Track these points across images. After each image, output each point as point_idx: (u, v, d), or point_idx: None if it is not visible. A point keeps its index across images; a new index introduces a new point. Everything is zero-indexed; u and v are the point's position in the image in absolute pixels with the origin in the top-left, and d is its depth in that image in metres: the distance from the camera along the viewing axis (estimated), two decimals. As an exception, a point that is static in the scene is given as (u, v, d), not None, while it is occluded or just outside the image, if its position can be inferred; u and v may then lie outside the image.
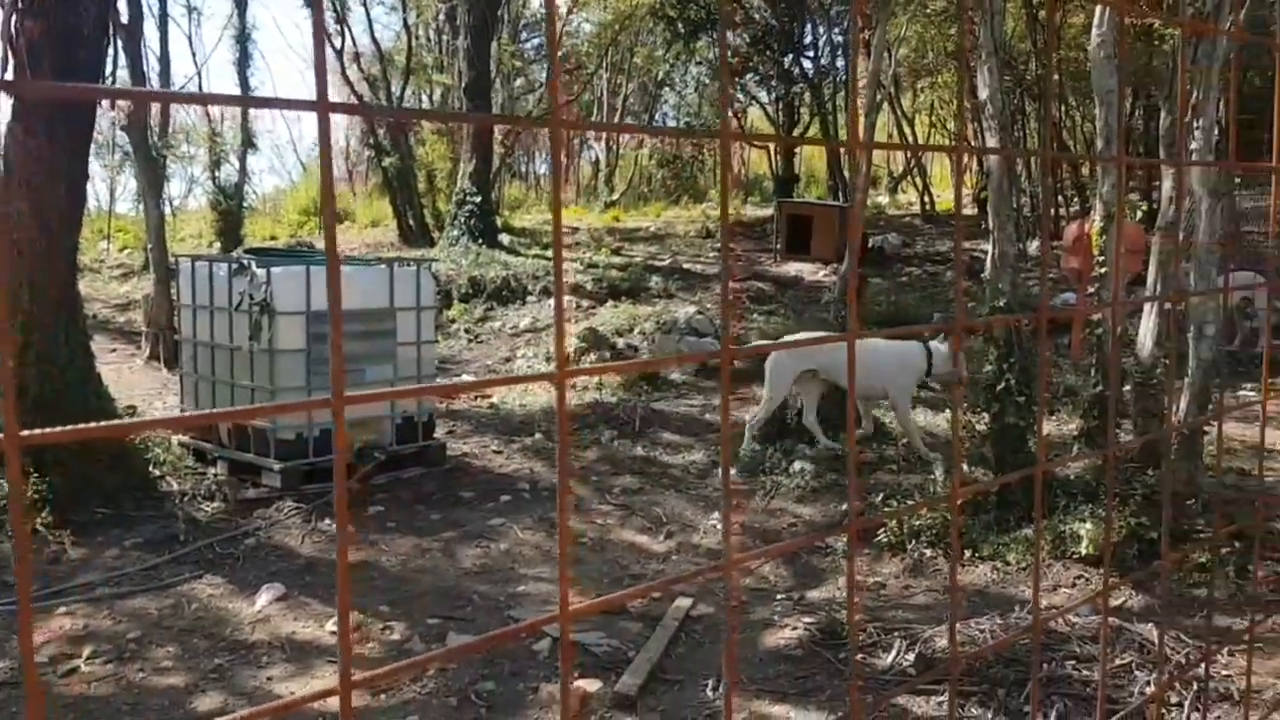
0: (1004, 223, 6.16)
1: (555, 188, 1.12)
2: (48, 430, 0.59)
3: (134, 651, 4.64)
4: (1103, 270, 6.09)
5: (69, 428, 0.59)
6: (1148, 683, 4.00)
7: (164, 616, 4.99)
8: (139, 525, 6.11)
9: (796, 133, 21.19)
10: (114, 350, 12.04)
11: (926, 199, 20.42)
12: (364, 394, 0.74)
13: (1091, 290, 6.30)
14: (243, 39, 16.78)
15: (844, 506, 6.50)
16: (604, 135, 27.92)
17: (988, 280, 6.06)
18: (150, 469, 6.82)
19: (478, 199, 16.90)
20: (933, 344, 7.47)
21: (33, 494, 5.99)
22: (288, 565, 5.70)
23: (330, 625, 4.86)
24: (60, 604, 5.07)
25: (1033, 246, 16.32)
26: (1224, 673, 4.16)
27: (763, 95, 21.65)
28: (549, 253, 16.78)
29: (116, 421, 6.48)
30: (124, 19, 11.27)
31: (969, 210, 22.26)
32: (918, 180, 21.02)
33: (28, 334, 6.48)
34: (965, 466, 6.38)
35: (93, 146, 7.79)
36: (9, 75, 6.52)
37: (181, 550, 5.81)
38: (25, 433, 0.59)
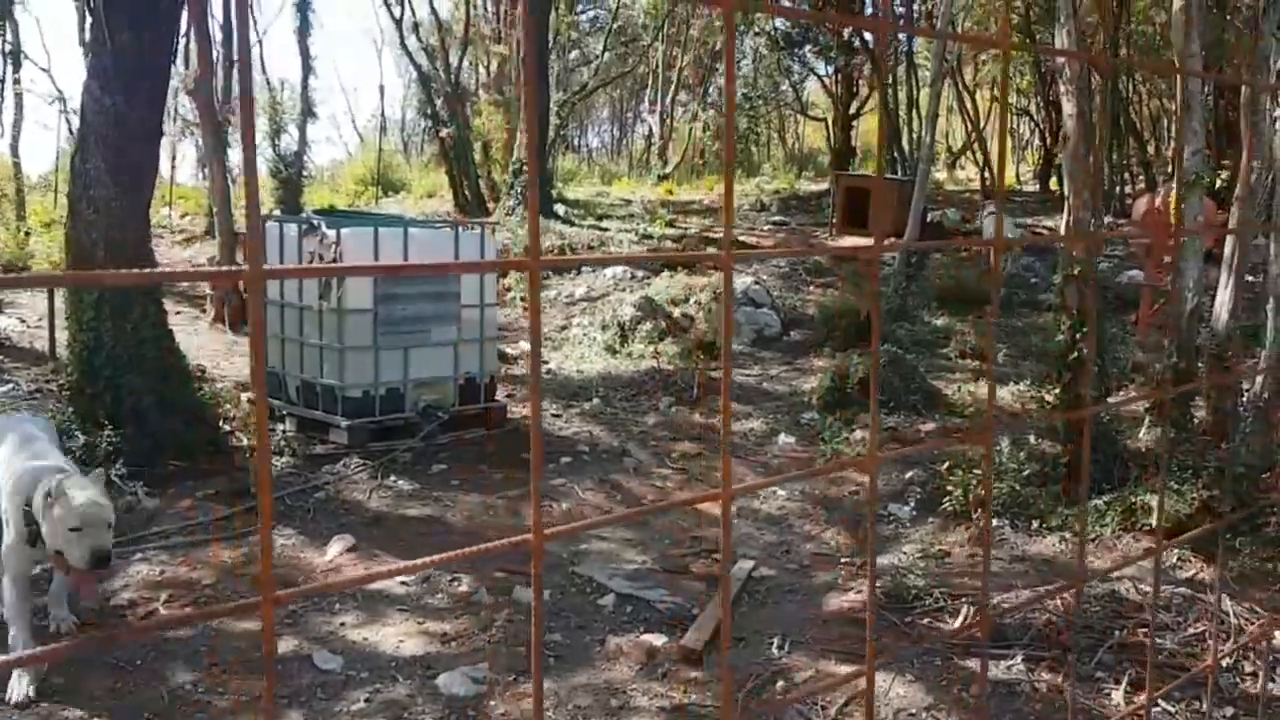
0: (1080, 189, 6.04)
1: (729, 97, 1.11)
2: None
3: (210, 597, 4.77)
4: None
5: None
6: (1221, 652, 3.94)
7: (237, 565, 5.12)
8: (211, 478, 6.25)
9: (855, 107, 20.88)
10: (179, 313, 12.26)
11: (987, 174, 20.06)
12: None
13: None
14: (304, 6, 16.90)
15: (907, 475, 6.46)
16: (659, 108, 27.80)
17: (1060, 249, 5.95)
18: (220, 425, 6.95)
19: (534, 170, 16.88)
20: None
21: (106, 446, 6.14)
22: (356, 518, 5.80)
23: (399, 576, 4.95)
24: (136, 551, 5.21)
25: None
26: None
27: (821, 67, 21.38)
28: (603, 224, 16.77)
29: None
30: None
31: (1030, 187, 21.87)
32: (978, 155, 20.64)
33: (103, 289, 6.59)
34: (1032, 438, 6.30)
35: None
36: (88, 35, 6.63)
37: (253, 502, 5.93)
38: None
